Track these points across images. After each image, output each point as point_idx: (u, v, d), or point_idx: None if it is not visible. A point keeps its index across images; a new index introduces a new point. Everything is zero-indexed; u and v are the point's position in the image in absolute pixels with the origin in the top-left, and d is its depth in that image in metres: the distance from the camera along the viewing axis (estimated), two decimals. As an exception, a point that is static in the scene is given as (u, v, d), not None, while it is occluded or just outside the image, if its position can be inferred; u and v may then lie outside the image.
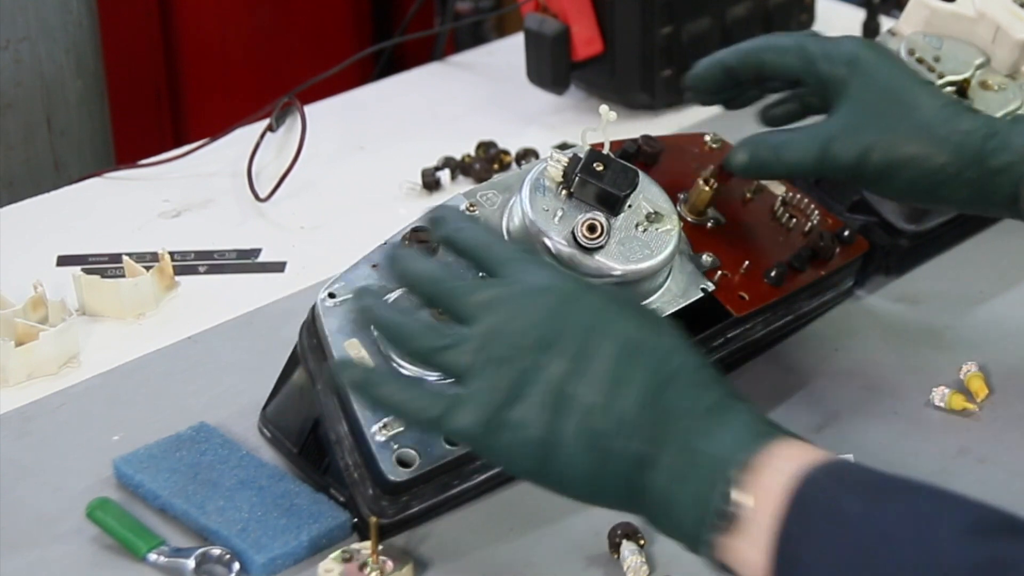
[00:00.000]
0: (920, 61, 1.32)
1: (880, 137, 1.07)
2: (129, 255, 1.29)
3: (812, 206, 1.22)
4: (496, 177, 1.17)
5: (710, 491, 0.82)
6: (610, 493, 0.87)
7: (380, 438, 1.00)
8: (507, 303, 0.90)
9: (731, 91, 1.17)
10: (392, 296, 1.05)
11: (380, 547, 0.98)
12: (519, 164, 1.47)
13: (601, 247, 1.08)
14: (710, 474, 0.83)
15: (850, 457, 1.08)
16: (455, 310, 0.91)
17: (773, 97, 1.20)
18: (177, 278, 1.29)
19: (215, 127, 1.52)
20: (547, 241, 1.08)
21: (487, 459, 0.91)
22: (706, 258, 1.15)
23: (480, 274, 0.95)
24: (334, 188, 1.45)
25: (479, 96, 1.62)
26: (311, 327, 1.06)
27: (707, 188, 1.17)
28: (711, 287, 1.14)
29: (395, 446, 1.00)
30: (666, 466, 0.84)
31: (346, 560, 0.97)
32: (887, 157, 1.07)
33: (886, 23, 1.70)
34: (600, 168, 1.08)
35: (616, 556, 1.00)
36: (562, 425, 0.86)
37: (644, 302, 1.10)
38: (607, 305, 0.90)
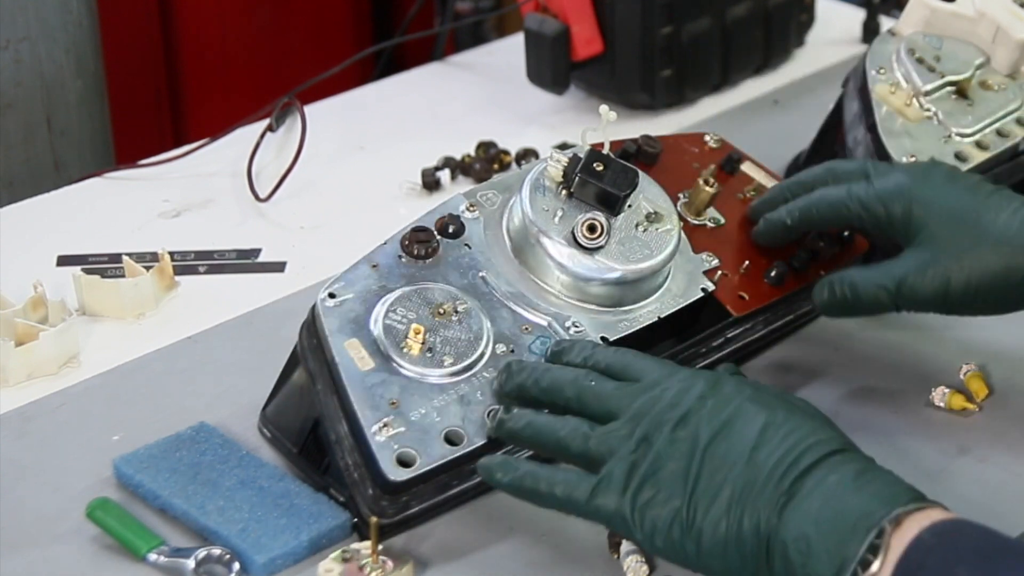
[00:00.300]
0: (920, 61, 1.32)
1: (956, 264, 1.06)
2: (129, 255, 1.29)
3: (812, 206, 1.22)
4: (496, 177, 1.17)
5: (853, 538, 0.85)
6: (746, 551, 0.89)
7: (380, 438, 1.00)
8: (651, 390, 0.95)
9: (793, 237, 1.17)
10: (392, 296, 1.05)
11: (380, 547, 0.98)
12: (519, 164, 1.47)
13: (601, 247, 1.08)
14: (857, 522, 0.85)
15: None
16: (597, 405, 0.97)
17: None
18: (177, 278, 1.29)
19: (215, 127, 1.52)
20: (547, 241, 1.08)
21: (632, 537, 0.93)
22: (706, 258, 1.15)
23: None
24: (334, 188, 1.45)
25: (479, 96, 1.62)
26: (311, 327, 1.06)
27: (707, 188, 1.17)
28: (711, 287, 1.14)
29: (395, 446, 1.00)
30: (811, 513, 0.87)
31: (346, 560, 0.97)
32: (968, 282, 1.05)
33: (886, 23, 1.70)
34: (600, 168, 1.08)
35: (616, 556, 1.00)
36: (702, 490, 0.90)
37: (644, 302, 1.10)
38: (751, 388, 0.95)
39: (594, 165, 1.08)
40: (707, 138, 1.26)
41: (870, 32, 1.70)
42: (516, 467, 0.97)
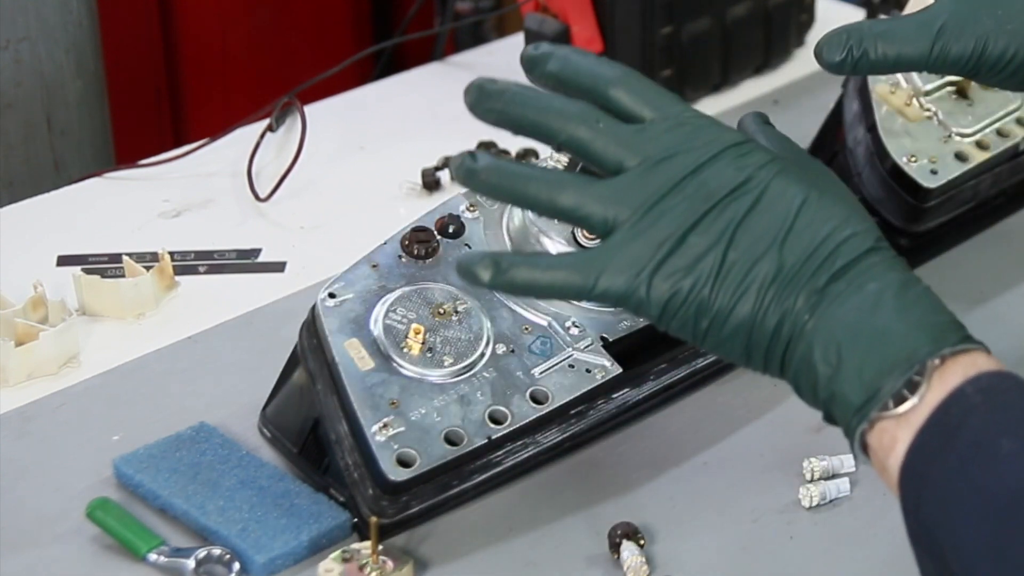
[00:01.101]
0: (920, 61, 1.31)
1: (996, 25, 0.95)
2: (129, 255, 1.29)
3: (812, 206, 1.22)
4: (496, 177, 1.17)
5: (894, 370, 0.77)
6: (764, 342, 0.81)
7: (380, 438, 1.00)
8: (666, 136, 0.83)
9: None
10: (392, 296, 1.05)
11: (380, 547, 0.98)
12: (519, 164, 1.47)
13: (601, 247, 1.07)
14: (900, 353, 0.78)
15: (849, 457, 1.08)
16: (604, 152, 0.83)
17: None
18: (177, 278, 1.29)
19: (215, 127, 1.52)
20: (547, 241, 1.08)
21: (640, 314, 0.82)
22: (706, 258, 1.15)
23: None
24: (334, 188, 1.45)
25: (479, 96, 1.62)
26: (311, 327, 1.06)
27: (707, 188, 1.17)
28: (711, 287, 1.14)
29: (395, 446, 1.00)
30: (849, 327, 0.78)
31: (346, 560, 0.97)
32: (1007, 48, 0.95)
33: (886, 23, 1.70)
34: (600, 168, 1.08)
35: (616, 556, 1.00)
36: (728, 269, 0.80)
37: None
38: (781, 160, 0.84)
39: (594, 165, 1.08)
40: (707, 138, 1.26)
41: (870, 32, 1.70)
42: (501, 168, 0.85)
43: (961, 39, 0.95)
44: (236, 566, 0.99)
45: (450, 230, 1.10)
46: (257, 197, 1.42)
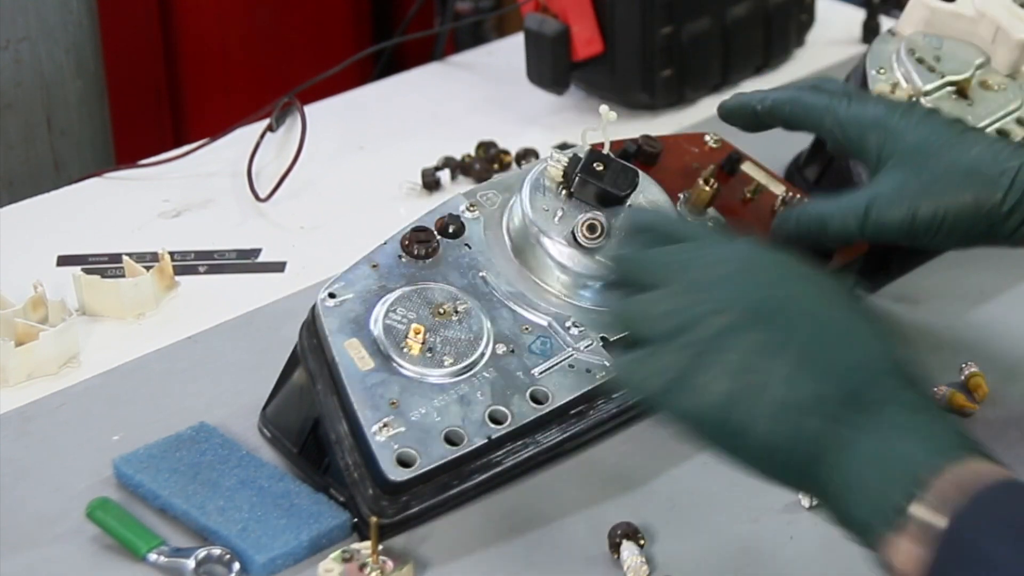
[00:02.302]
0: (920, 61, 1.32)
1: (925, 192, 1.05)
2: (129, 255, 1.29)
3: (812, 206, 1.22)
4: (496, 177, 1.18)
5: (896, 488, 0.80)
6: (788, 468, 0.84)
7: (380, 438, 1.00)
8: (697, 264, 0.90)
9: (757, 127, 1.17)
10: (392, 296, 1.05)
11: (380, 547, 0.98)
12: (519, 164, 1.47)
13: (601, 247, 1.08)
14: (903, 471, 0.81)
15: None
16: (645, 272, 0.92)
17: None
18: (177, 278, 1.29)
19: (215, 127, 1.52)
20: (547, 241, 1.08)
21: (669, 418, 0.88)
22: (706, 258, 1.15)
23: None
24: (334, 188, 1.45)
25: (479, 96, 1.62)
26: (311, 327, 1.06)
27: (707, 188, 1.17)
28: (711, 287, 1.14)
29: (395, 446, 1.00)
30: (861, 452, 0.82)
31: (346, 560, 0.97)
32: (937, 210, 1.05)
33: (886, 23, 1.70)
34: (600, 168, 1.08)
35: (616, 556, 1.00)
36: (752, 393, 0.84)
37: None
38: (811, 283, 0.89)
39: (594, 165, 1.08)
40: (707, 138, 1.26)
41: (870, 32, 1.70)
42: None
43: (893, 212, 1.05)
44: (236, 566, 0.99)
45: (450, 230, 1.10)
46: (257, 197, 1.42)
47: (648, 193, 1.12)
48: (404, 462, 1.00)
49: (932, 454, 0.81)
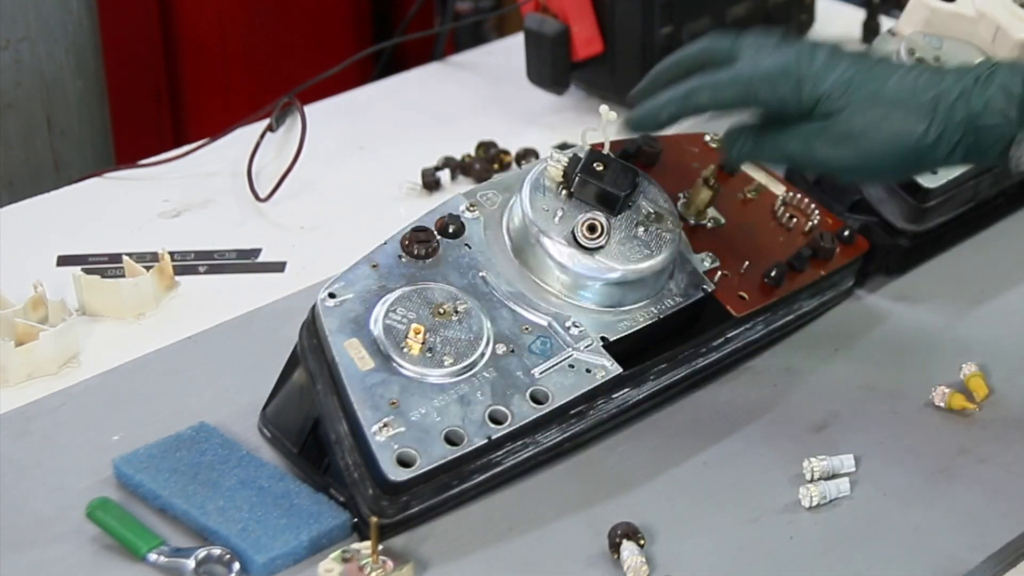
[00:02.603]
0: (920, 61, 1.32)
1: (856, 129, 1.05)
2: (129, 255, 1.29)
3: (812, 206, 1.22)
4: (496, 177, 1.18)
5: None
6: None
7: (380, 438, 1.00)
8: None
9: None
10: (392, 296, 1.05)
11: (380, 547, 0.98)
12: (519, 164, 1.47)
13: (601, 247, 1.08)
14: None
15: (849, 457, 1.08)
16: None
17: None
18: (177, 278, 1.29)
19: (215, 127, 1.52)
20: (547, 241, 1.08)
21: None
22: (706, 258, 1.15)
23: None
24: (334, 188, 1.45)
25: (479, 96, 1.62)
26: (311, 327, 1.06)
27: (707, 188, 1.17)
28: (711, 287, 1.14)
29: (395, 446, 1.00)
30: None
31: (346, 560, 0.97)
32: (871, 149, 1.04)
33: (886, 23, 1.70)
34: (600, 168, 1.08)
35: (616, 556, 1.00)
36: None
37: (644, 302, 1.10)
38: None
39: (594, 165, 1.08)
40: (707, 138, 1.26)
41: (870, 32, 1.70)
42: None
43: (827, 145, 1.07)
44: (236, 566, 0.99)
45: (450, 230, 1.10)
46: (257, 197, 1.42)
47: (648, 193, 1.12)
48: (404, 462, 1.00)
49: None
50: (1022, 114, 1.02)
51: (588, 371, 1.06)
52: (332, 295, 1.05)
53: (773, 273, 1.16)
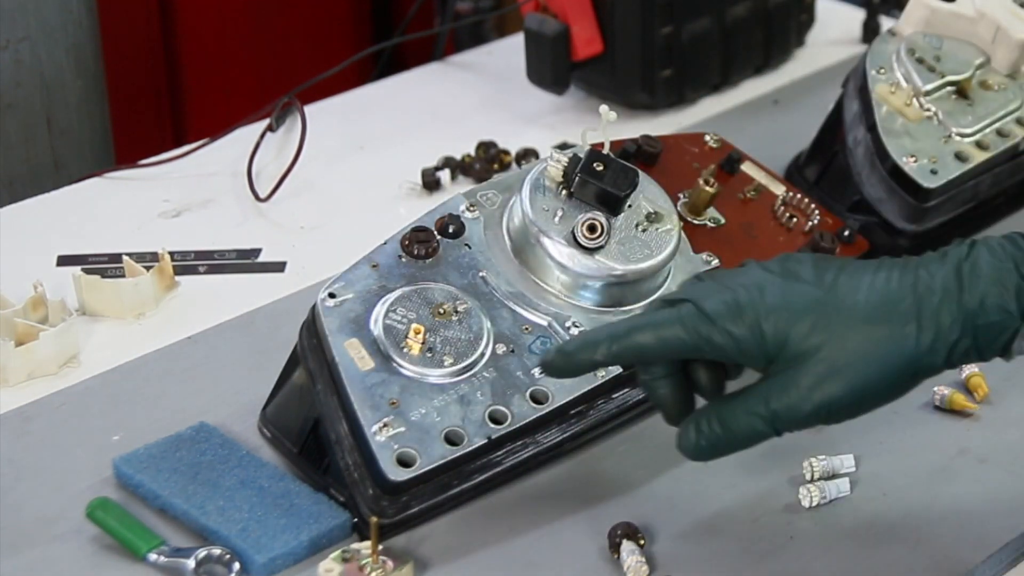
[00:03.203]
0: (920, 61, 1.32)
1: (829, 367, 0.93)
2: (129, 255, 1.29)
3: (812, 206, 1.22)
4: (496, 177, 1.17)
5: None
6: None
7: (380, 438, 1.00)
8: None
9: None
10: (392, 296, 1.05)
11: (380, 547, 0.98)
12: (519, 164, 1.47)
13: (601, 247, 1.08)
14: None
15: (849, 457, 1.08)
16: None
17: None
18: (177, 278, 1.29)
19: (215, 127, 1.52)
20: (547, 241, 1.08)
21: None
22: (706, 258, 1.15)
23: None
24: (334, 188, 1.45)
25: (479, 96, 1.62)
26: (311, 327, 1.06)
27: (707, 188, 1.17)
28: (711, 287, 1.14)
29: (395, 446, 1.00)
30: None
31: (346, 560, 0.97)
32: (852, 384, 0.93)
33: (886, 23, 1.70)
34: (600, 168, 1.08)
35: (616, 556, 1.00)
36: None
37: (644, 302, 1.10)
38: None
39: (594, 165, 1.08)
40: (707, 138, 1.26)
41: (870, 32, 1.70)
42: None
43: (802, 398, 0.94)
44: (236, 566, 0.99)
45: (450, 230, 1.10)
46: (257, 197, 1.41)
47: (648, 193, 1.12)
48: (404, 462, 1.00)
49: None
50: (1021, 306, 0.93)
51: (588, 371, 1.06)
52: (332, 295, 1.05)
53: (773, 273, 1.16)
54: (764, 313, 0.93)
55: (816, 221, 1.22)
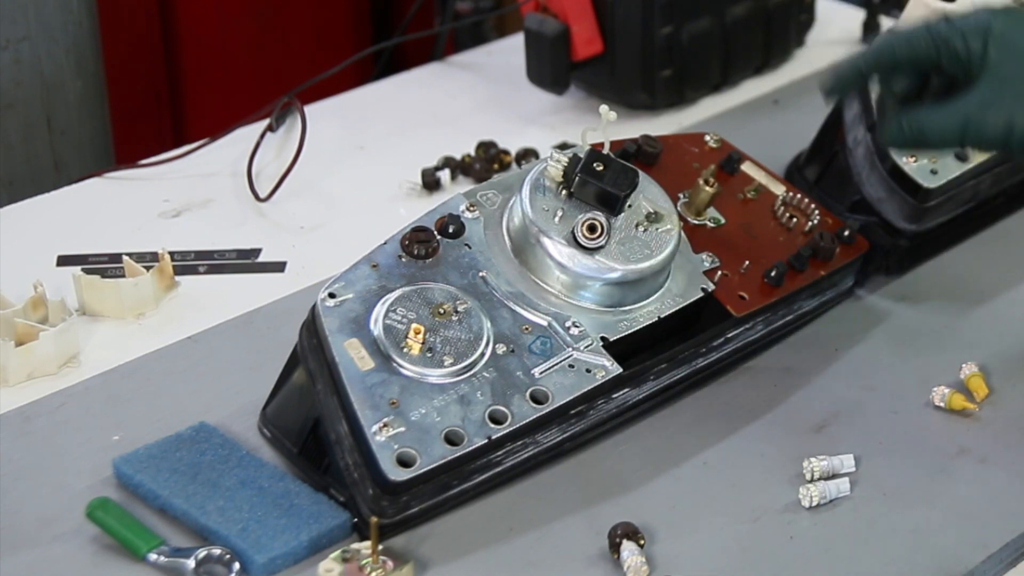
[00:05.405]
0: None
1: (1021, 104, 1.02)
2: (129, 255, 1.29)
3: (812, 206, 1.22)
4: (496, 177, 1.18)
5: None
6: None
7: (380, 438, 1.00)
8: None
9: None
10: (392, 296, 1.05)
11: (380, 547, 0.98)
12: (519, 164, 1.47)
13: (601, 247, 1.08)
14: None
15: (849, 457, 1.08)
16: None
17: None
18: (177, 278, 1.29)
19: (215, 127, 1.52)
20: (547, 241, 1.08)
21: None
22: (706, 258, 1.15)
23: None
24: (334, 188, 1.45)
25: (479, 96, 1.62)
26: (311, 327, 1.06)
27: (707, 188, 1.17)
28: (711, 287, 1.14)
29: (395, 446, 1.00)
30: None
31: (346, 560, 0.97)
32: None
33: (886, 23, 1.70)
34: (600, 168, 1.08)
35: (616, 556, 1.00)
36: None
37: (644, 302, 1.10)
38: None
39: (594, 165, 1.08)
40: (707, 138, 1.26)
41: (870, 32, 1.70)
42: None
43: (990, 124, 1.03)
44: (236, 566, 0.99)
45: (450, 230, 1.10)
46: (257, 197, 1.42)
47: (648, 193, 1.12)
48: (404, 462, 1.00)
49: None
50: None
51: (588, 371, 1.06)
52: (332, 295, 1.05)
53: (773, 273, 1.16)
54: (996, 35, 1.04)
55: (816, 221, 1.22)
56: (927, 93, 1.08)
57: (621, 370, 1.07)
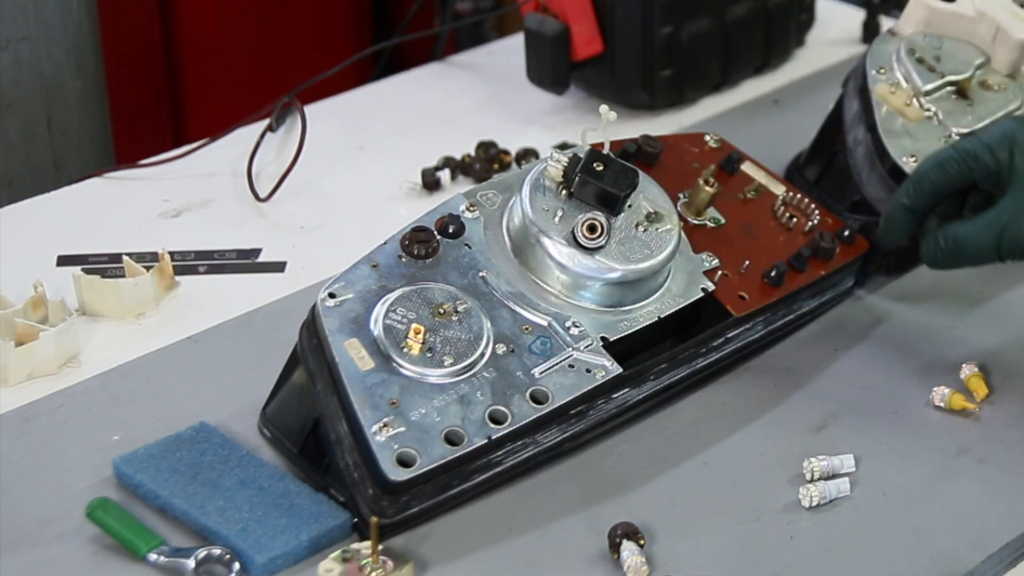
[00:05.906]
0: (920, 61, 1.32)
1: None
2: (129, 255, 1.29)
3: (812, 206, 1.22)
4: (496, 177, 1.18)
5: None
6: None
7: (380, 438, 1.00)
8: None
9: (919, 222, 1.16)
10: (392, 296, 1.05)
11: (380, 547, 0.98)
12: (519, 164, 1.47)
13: (601, 247, 1.08)
14: None
15: (849, 457, 1.08)
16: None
17: None
18: (177, 278, 1.29)
19: (215, 127, 1.52)
20: (547, 241, 1.08)
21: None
22: (706, 258, 1.15)
23: None
24: (334, 188, 1.45)
25: (479, 96, 1.62)
26: (311, 327, 1.06)
27: (707, 188, 1.17)
28: (711, 287, 1.14)
29: (395, 446, 1.00)
30: None
31: (346, 560, 0.97)
32: None
33: (886, 23, 1.70)
34: (600, 168, 1.08)
35: (616, 556, 1.00)
36: None
37: (644, 302, 1.11)
38: None
39: (594, 165, 1.08)
40: (707, 138, 1.26)
41: (870, 32, 1.70)
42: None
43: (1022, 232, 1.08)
44: (236, 566, 0.99)
45: (450, 230, 1.10)
46: (257, 197, 1.42)
47: (648, 193, 1.12)
48: (404, 462, 1.00)
49: None
50: None
51: (588, 371, 1.06)
52: (332, 295, 1.05)
53: (773, 273, 1.16)
54: (1021, 143, 1.09)
55: (816, 221, 1.22)
56: (967, 208, 1.12)
57: (621, 370, 1.07)
